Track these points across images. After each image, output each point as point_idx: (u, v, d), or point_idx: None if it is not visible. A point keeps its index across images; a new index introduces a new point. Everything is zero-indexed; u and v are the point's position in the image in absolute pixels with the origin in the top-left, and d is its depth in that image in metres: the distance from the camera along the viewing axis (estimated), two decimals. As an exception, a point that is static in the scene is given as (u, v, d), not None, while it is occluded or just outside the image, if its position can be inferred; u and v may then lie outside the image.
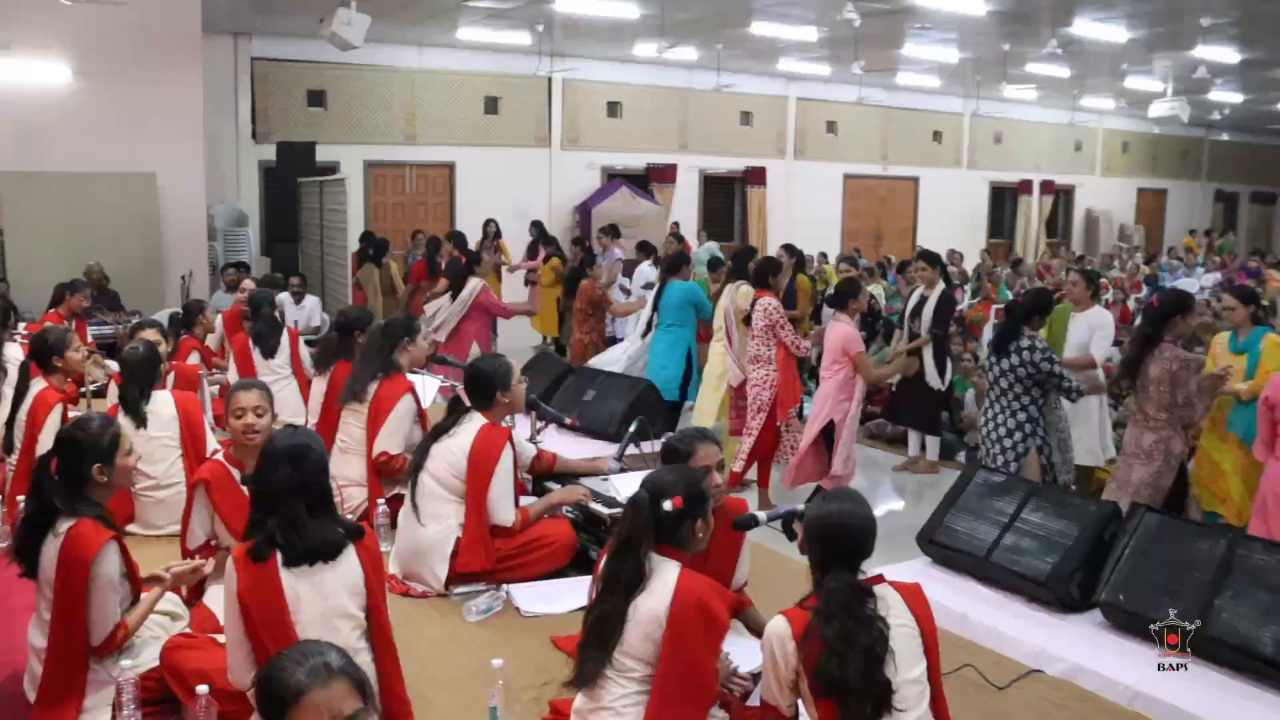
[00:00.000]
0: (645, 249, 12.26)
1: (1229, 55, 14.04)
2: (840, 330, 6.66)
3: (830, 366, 6.72)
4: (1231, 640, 3.71)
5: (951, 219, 21.11)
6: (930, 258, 8.25)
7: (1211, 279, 16.72)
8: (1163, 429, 5.65)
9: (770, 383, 6.98)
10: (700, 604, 2.82)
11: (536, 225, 13.52)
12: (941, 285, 8.10)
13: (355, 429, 5.05)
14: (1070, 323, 7.12)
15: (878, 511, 7.29)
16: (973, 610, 4.22)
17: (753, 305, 7.13)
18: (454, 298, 8.65)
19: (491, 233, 13.09)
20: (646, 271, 11.47)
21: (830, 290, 8.09)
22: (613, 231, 13.54)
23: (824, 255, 15.09)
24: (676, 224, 15.48)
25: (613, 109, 16.87)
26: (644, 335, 8.53)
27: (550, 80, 16.00)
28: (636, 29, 13.10)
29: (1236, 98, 19.27)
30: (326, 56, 12.84)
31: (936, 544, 4.63)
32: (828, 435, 6.72)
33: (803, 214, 18.77)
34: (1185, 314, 5.69)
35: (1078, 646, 3.90)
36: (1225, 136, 26.54)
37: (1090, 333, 6.94)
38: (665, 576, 2.85)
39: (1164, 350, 5.57)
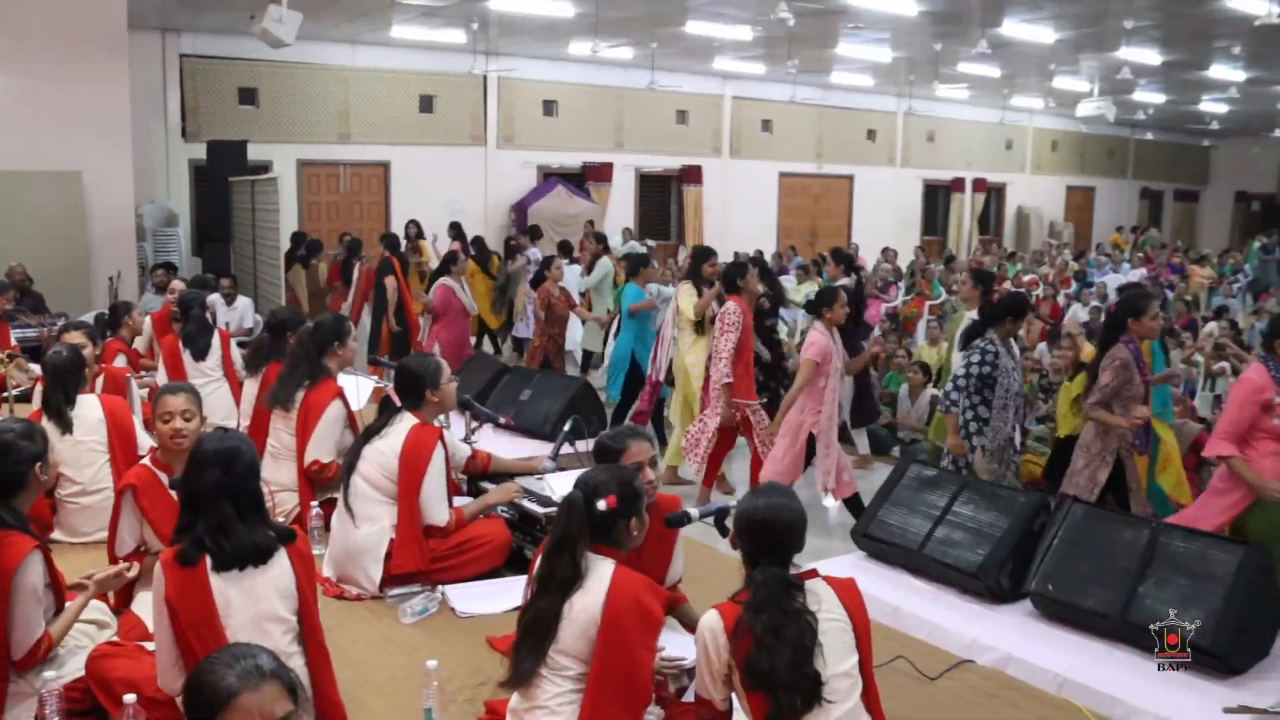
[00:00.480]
0: (564, 249, 12.30)
1: (1151, 57, 14.35)
2: (811, 337, 6.55)
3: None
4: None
5: (886, 217, 21.36)
6: (837, 255, 8.56)
7: (1138, 274, 17.09)
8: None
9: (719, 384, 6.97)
10: (635, 601, 2.83)
11: (454, 226, 13.43)
12: (848, 280, 8.41)
13: (285, 434, 4.98)
14: (961, 320, 7.42)
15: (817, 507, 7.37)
16: (906, 602, 4.28)
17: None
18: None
19: (412, 234, 12.98)
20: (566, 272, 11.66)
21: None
22: (534, 232, 13.59)
23: (760, 253, 15.17)
24: (591, 223, 15.35)
25: (548, 108, 16.83)
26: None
27: (485, 79, 15.93)
28: (571, 27, 13.09)
29: (1159, 98, 19.72)
30: (258, 54, 12.67)
31: (870, 538, 4.70)
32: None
33: (738, 212, 18.90)
34: (1138, 317, 5.64)
35: (1008, 636, 3.98)
36: (1149, 136, 27.13)
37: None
38: (600, 575, 2.86)
39: (1113, 349, 5.62)
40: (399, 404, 4.39)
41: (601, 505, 2.90)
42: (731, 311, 6.84)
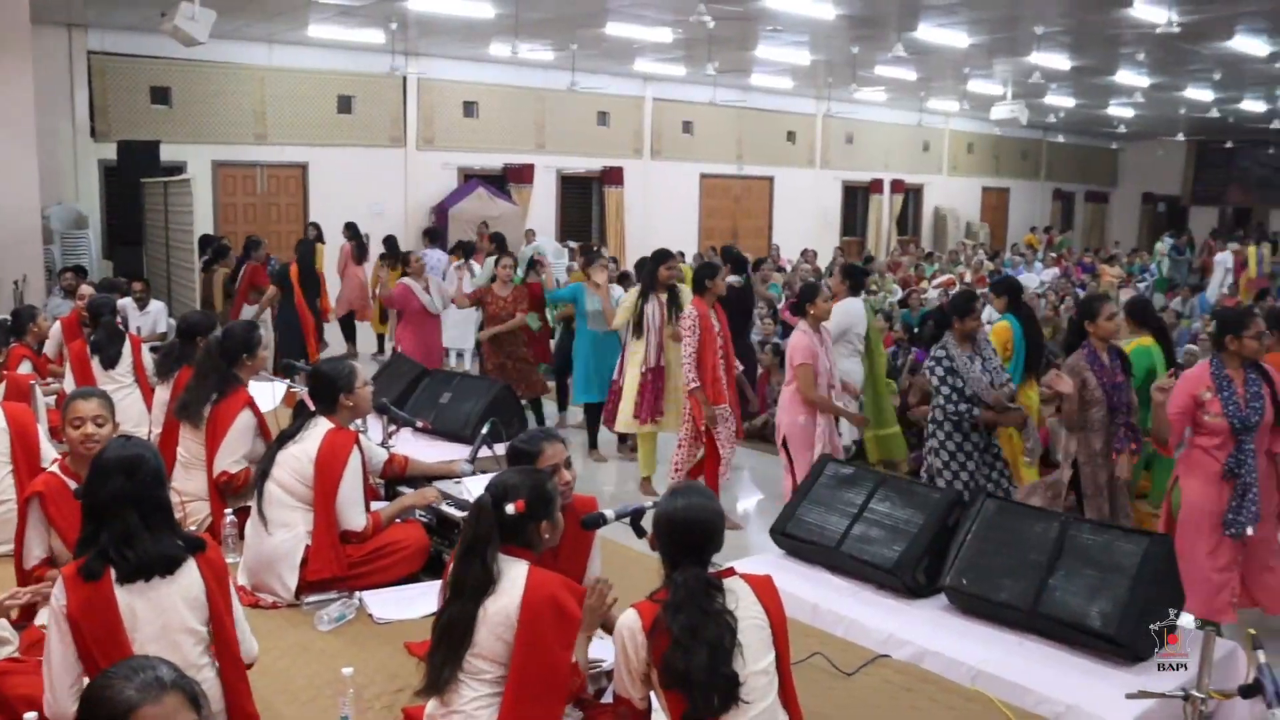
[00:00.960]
0: (465, 250, 12.26)
1: (1061, 62, 14.68)
2: (793, 339, 6.45)
3: (789, 379, 6.53)
4: (1064, 617, 3.89)
5: (805, 217, 21.58)
6: (726, 253, 9.01)
7: (1050, 274, 17.49)
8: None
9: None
10: (551, 600, 2.82)
11: (349, 227, 13.29)
12: (736, 280, 8.66)
13: (194, 444, 4.87)
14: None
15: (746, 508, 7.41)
16: (824, 599, 4.32)
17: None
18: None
19: (311, 236, 12.81)
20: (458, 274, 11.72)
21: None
22: (432, 235, 13.51)
23: (681, 254, 15.22)
24: (486, 223, 15.19)
25: (469, 109, 16.72)
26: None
27: (405, 79, 15.78)
28: (491, 28, 13.01)
29: (1070, 102, 20.19)
30: (170, 52, 12.40)
31: (789, 536, 4.73)
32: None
33: (660, 213, 18.96)
34: (1094, 319, 5.62)
35: (923, 630, 4.03)
36: (1061, 139, 27.77)
37: (841, 319, 7.47)
38: (514, 577, 2.85)
39: (1068, 363, 5.64)
40: (313, 409, 4.33)
41: (510, 509, 2.89)
42: (689, 316, 6.77)
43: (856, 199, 23.46)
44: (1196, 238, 23.15)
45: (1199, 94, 18.22)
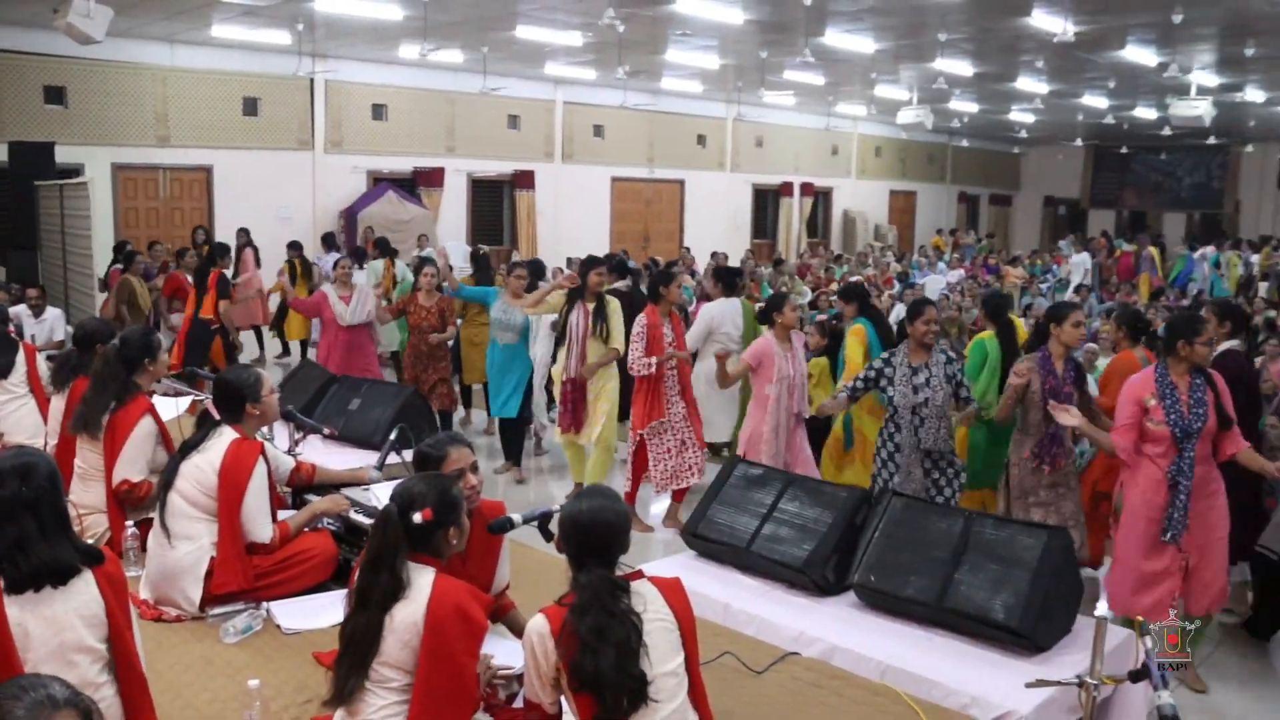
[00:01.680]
0: (356, 254, 12.14)
1: (965, 68, 15.00)
2: (753, 344, 6.54)
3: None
4: (968, 610, 3.98)
5: (716, 220, 21.74)
6: (609, 261, 8.82)
7: (956, 275, 17.86)
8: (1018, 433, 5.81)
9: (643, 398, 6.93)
10: (457, 608, 2.81)
11: (242, 233, 13.09)
12: (623, 284, 8.88)
13: (92, 454, 4.73)
14: (700, 311, 8.13)
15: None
16: (735, 599, 4.37)
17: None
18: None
19: (199, 240, 12.59)
20: (358, 275, 11.51)
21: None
22: (328, 240, 13.33)
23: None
24: (371, 229, 14.89)
25: (378, 111, 16.52)
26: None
27: (312, 81, 15.53)
28: (400, 30, 12.88)
29: (973, 107, 20.63)
30: (66, 50, 11.99)
31: (700, 537, 4.77)
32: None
33: (571, 217, 18.95)
34: (1060, 323, 5.63)
35: (833, 627, 4.10)
36: (966, 143, 28.39)
37: (713, 319, 7.86)
38: (420, 584, 2.84)
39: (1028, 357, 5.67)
40: (218, 418, 4.25)
41: (417, 518, 2.87)
42: (638, 323, 6.80)
43: (767, 202, 23.69)
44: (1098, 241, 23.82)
45: (1095, 101, 18.74)
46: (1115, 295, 16.11)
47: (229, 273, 10.63)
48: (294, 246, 12.68)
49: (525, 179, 18.33)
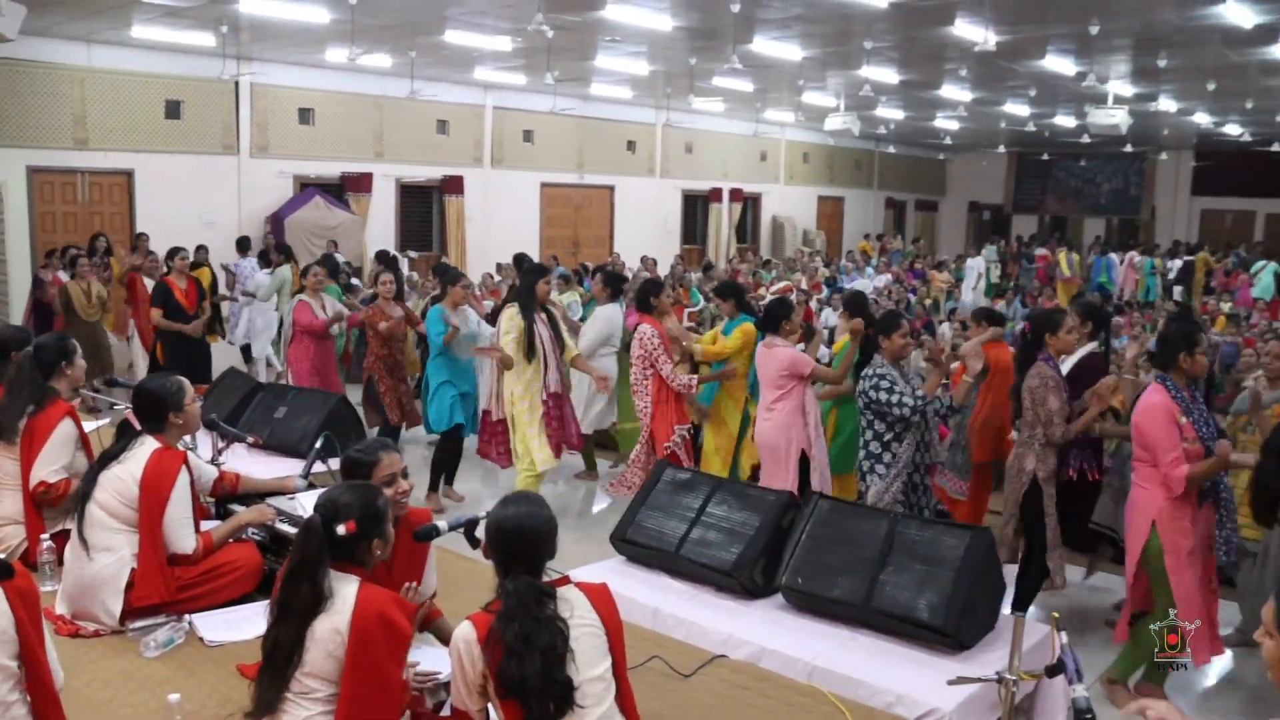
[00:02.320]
0: (264, 258, 12.00)
1: (890, 76, 15.20)
2: (782, 355, 6.23)
3: (778, 396, 6.25)
4: (894, 610, 4.04)
5: (646, 226, 21.79)
6: (518, 261, 9.30)
7: (883, 279, 18.11)
8: (1021, 446, 5.52)
9: (646, 415, 6.79)
10: (381, 616, 2.79)
11: (138, 238, 12.86)
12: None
13: (8, 463, 4.59)
14: (592, 316, 8.25)
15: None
16: (664, 603, 4.39)
17: (634, 330, 6.97)
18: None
19: (101, 248, 12.33)
20: (261, 279, 11.67)
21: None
22: (242, 244, 13.10)
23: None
24: (270, 235, 14.77)
25: (305, 116, 16.31)
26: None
27: (238, 84, 15.28)
28: (327, 34, 12.73)
29: (899, 114, 20.94)
30: (-25, 50, 11.73)
31: (629, 542, 4.78)
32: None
33: (501, 222, 18.86)
34: (1055, 331, 5.52)
35: (761, 629, 4.14)
36: (892, 149, 28.83)
37: (605, 324, 8.02)
38: (344, 594, 2.82)
39: (1033, 369, 5.41)
40: (139, 427, 4.16)
41: (341, 530, 2.85)
42: (650, 339, 6.67)
43: (696, 207, 23.81)
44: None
45: (1017, 109, 19.11)
46: (1037, 300, 16.46)
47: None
48: (201, 252, 12.48)
49: (454, 184, 18.23)
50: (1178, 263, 21.46)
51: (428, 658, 3.18)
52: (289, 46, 14.19)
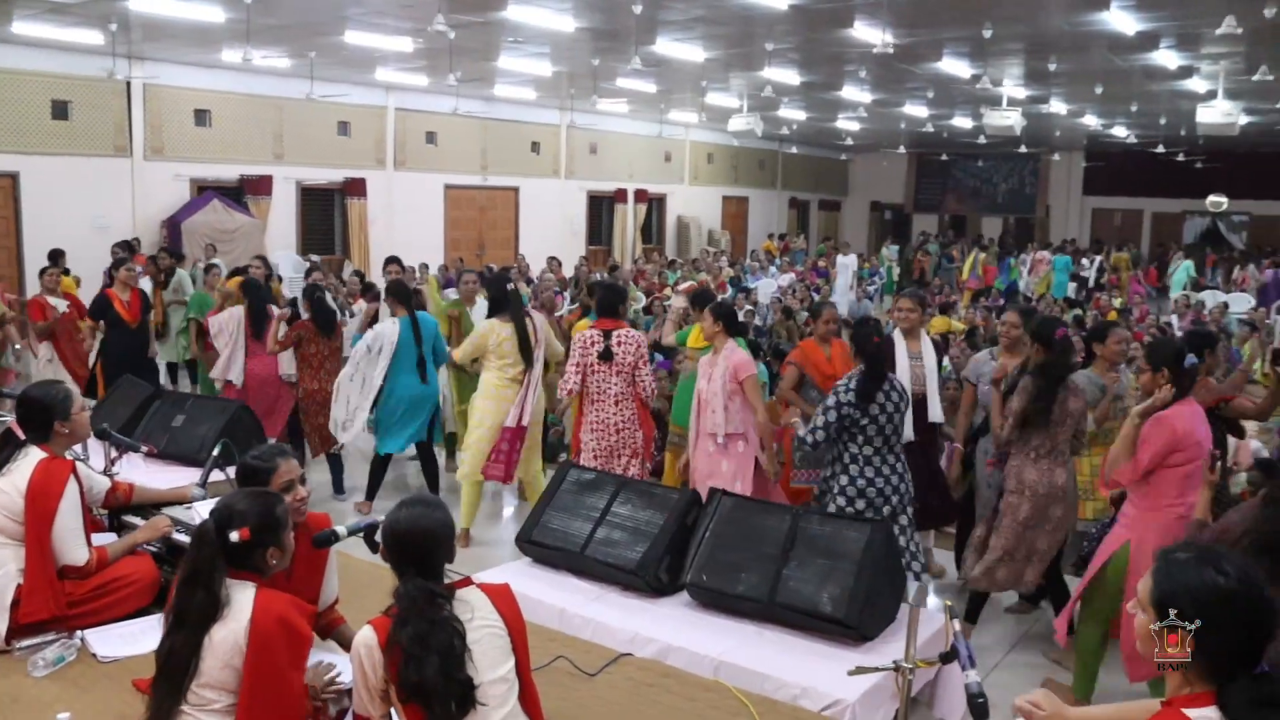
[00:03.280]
0: (153, 262, 11.75)
1: (791, 77, 15.40)
2: (740, 358, 6.00)
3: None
4: (797, 604, 4.11)
5: (551, 227, 21.76)
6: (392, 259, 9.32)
7: (787, 279, 18.35)
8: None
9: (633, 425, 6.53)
10: (280, 621, 2.75)
11: (56, 254, 12.49)
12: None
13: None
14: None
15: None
16: (571, 604, 4.40)
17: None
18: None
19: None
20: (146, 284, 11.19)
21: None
22: (125, 247, 12.66)
23: (425, 266, 15.08)
24: (165, 237, 14.44)
25: (201, 117, 15.93)
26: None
27: (129, 85, 14.87)
28: (222, 33, 12.46)
29: (802, 115, 21.21)
30: None
31: (534, 543, 4.78)
32: None
33: (404, 225, 18.64)
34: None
35: (667, 627, 4.17)
36: (795, 150, 29.19)
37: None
38: (241, 601, 2.77)
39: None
40: (23, 437, 4.03)
41: (235, 537, 2.80)
42: (642, 347, 6.55)
43: (602, 208, 23.83)
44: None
45: (916, 110, 19.49)
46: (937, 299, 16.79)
47: None
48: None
49: (357, 187, 17.99)
50: (1097, 259, 22.08)
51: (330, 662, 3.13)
52: (183, 46, 13.85)
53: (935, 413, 6.34)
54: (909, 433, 5.72)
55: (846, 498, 5.25)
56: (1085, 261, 22.23)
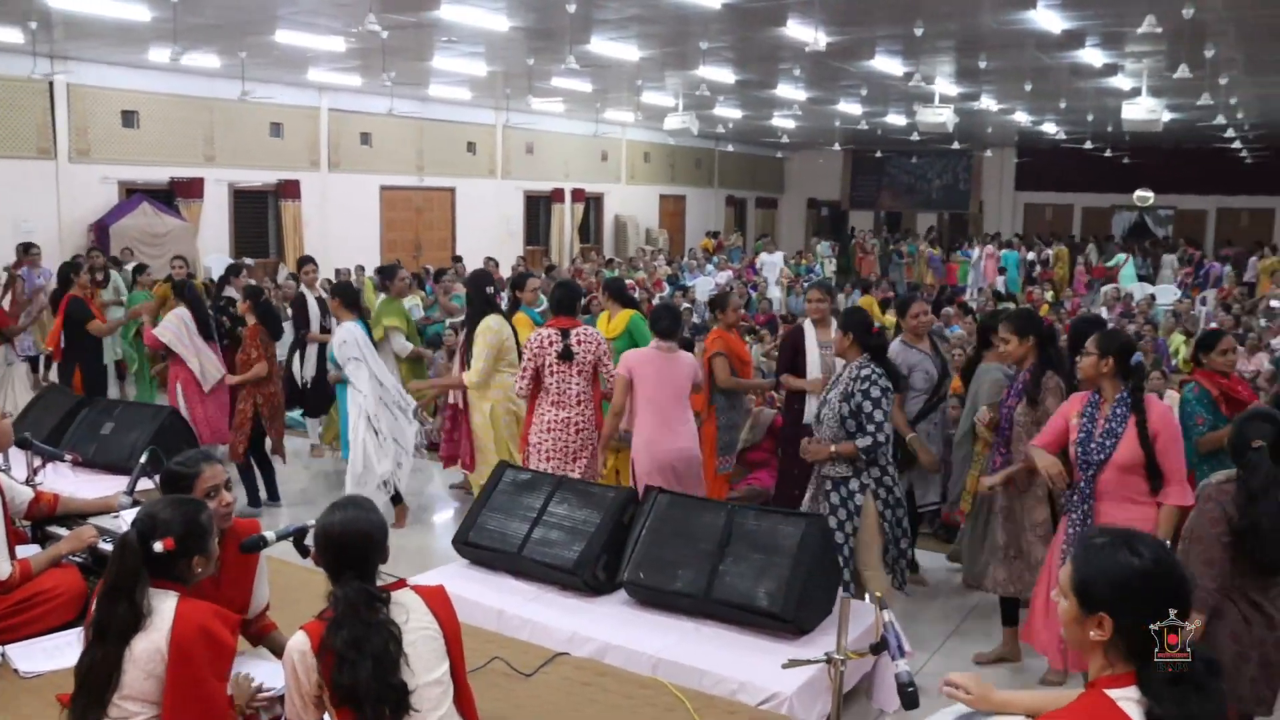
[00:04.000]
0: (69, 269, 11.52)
1: (726, 76, 15.45)
2: (690, 361, 6.06)
3: (684, 406, 5.97)
4: (734, 600, 4.14)
5: (488, 228, 21.64)
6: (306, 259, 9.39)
7: (724, 276, 18.44)
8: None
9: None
10: (202, 630, 2.71)
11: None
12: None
13: None
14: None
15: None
16: (509, 605, 4.39)
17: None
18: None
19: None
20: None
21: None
22: (23, 250, 12.37)
23: (361, 268, 14.94)
24: (96, 239, 14.09)
25: (128, 118, 15.60)
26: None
27: (52, 84, 14.53)
28: (149, 32, 12.21)
29: (737, 113, 21.30)
30: None
31: (471, 545, 4.76)
32: None
33: (340, 227, 18.42)
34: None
35: (605, 625, 4.18)
36: (731, 148, 29.32)
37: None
38: (163, 611, 2.72)
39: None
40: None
41: (159, 547, 2.75)
42: (591, 335, 6.39)
43: (539, 208, 23.75)
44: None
45: (850, 108, 19.65)
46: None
47: None
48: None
49: (290, 189, 17.74)
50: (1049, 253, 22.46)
51: (261, 671, 3.09)
52: (107, 45, 13.57)
53: None
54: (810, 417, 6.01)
55: (885, 488, 4.91)
56: (1031, 255, 22.67)
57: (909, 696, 2.38)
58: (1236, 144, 22.55)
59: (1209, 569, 3.70)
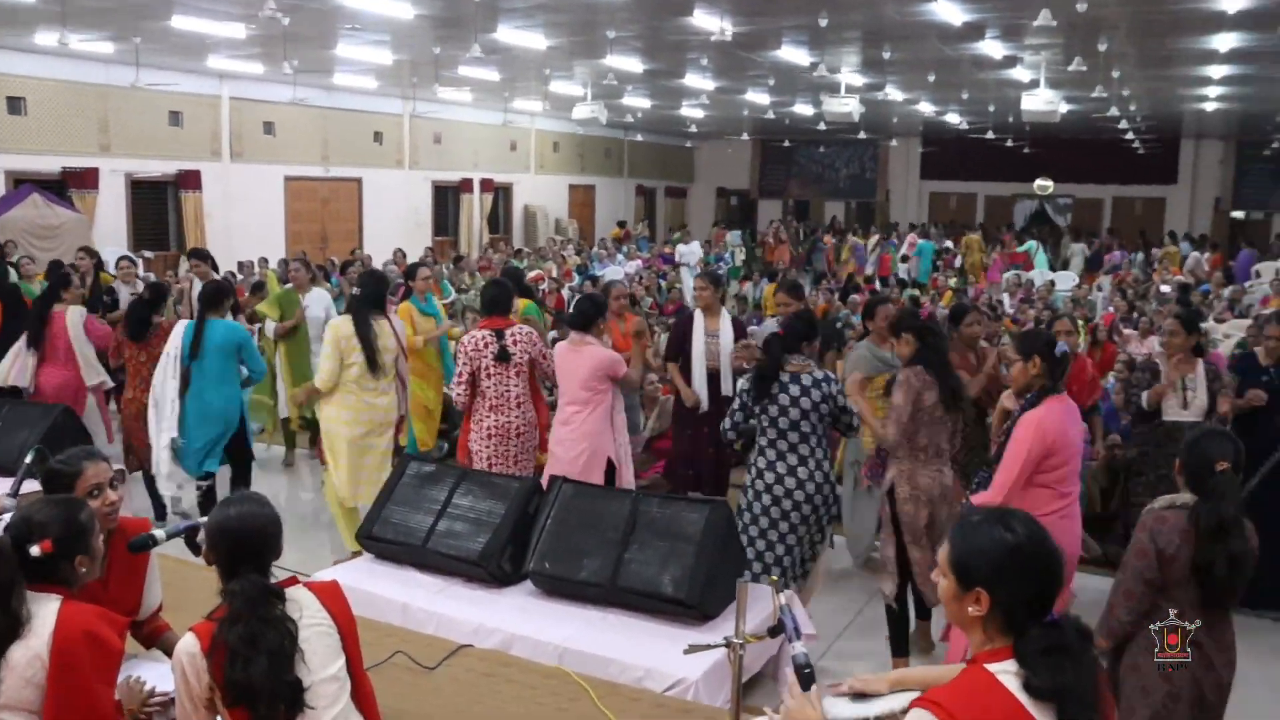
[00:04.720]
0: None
1: (634, 65, 15.47)
2: (599, 354, 5.78)
3: (586, 399, 5.76)
4: (640, 587, 4.15)
5: (396, 219, 21.39)
6: (201, 254, 9.29)
7: (634, 266, 18.48)
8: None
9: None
10: (86, 633, 2.63)
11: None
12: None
13: None
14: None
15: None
16: (413, 598, 4.36)
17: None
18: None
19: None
20: None
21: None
22: None
23: (265, 260, 14.65)
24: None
25: (15, 105, 15.03)
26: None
27: (-68, 71, 14.00)
28: (35, 15, 11.80)
29: (646, 103, 21.33)
30: None
31: (375, 539, 4.71)
32: None
33: (243, 218, 18.00)
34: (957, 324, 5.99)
35: (510, 616, 4.17)
36: (641, 138, 29.37)
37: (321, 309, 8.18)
38: (43, 615, 2.63)
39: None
40: None
41: (35, 551, 2.66)
42: (525, 334, 6.16)
43: (447, 198, 23.53)
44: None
45: (758, 98, 19.81)
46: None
47: None
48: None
49: (191, 179, 17.29)
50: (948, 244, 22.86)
51: (153, 674, 3.01)
52: (-9, 29, 13.09)
53: (727, 386, 6.66)
54: (705, 403, 6.61)
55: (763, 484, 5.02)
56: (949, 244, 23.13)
57: (805, 678, 2.41)
58: (1129, 135, 23.21)
59: (1127, 601, 3.45)
